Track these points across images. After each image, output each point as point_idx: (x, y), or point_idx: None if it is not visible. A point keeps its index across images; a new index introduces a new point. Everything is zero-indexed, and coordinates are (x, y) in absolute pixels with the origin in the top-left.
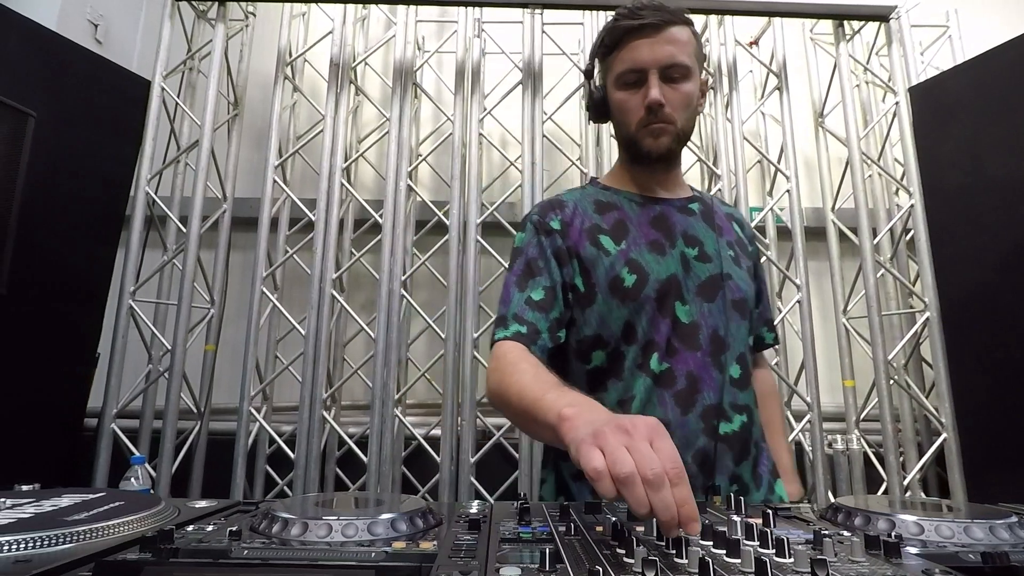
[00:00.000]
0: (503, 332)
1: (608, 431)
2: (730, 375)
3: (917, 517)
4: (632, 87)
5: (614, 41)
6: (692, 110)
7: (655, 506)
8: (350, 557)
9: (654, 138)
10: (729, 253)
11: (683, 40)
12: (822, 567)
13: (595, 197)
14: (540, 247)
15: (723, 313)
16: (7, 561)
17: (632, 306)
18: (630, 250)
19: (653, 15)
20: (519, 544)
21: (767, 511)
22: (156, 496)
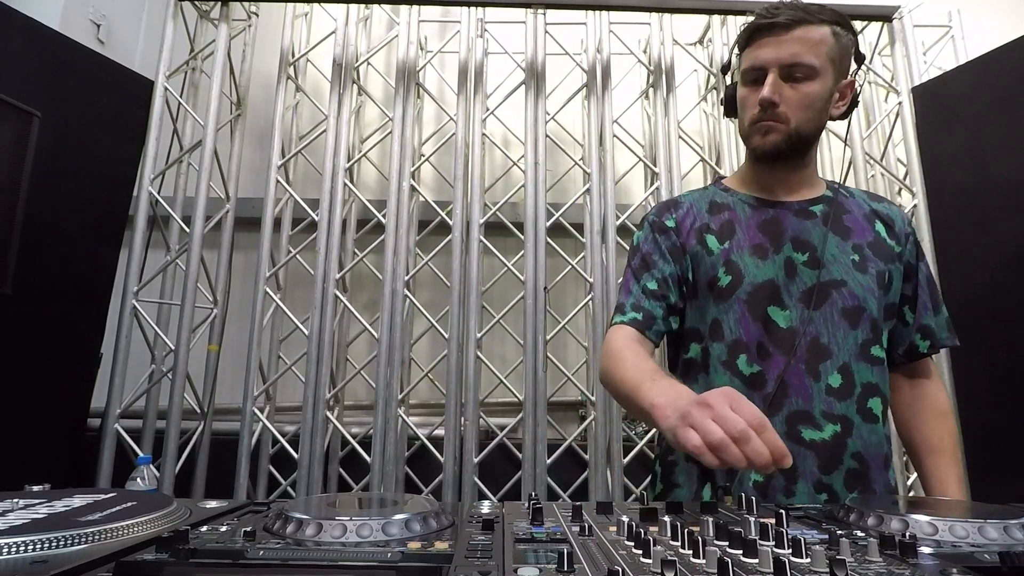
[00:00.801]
0: (620, 317)
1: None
2: (827, 383)
3: (931, 517)
4: (753, 84)
5: (746, 39)
6: (816, 112)
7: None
8: (366, 558)
9: (762, 136)
10: (853, 257)
11: (814, 39)
12: (841, 567)
13: (712, 198)
14: (655, 243)
15: (827, 321)
16: (24, 562)
17: (723, 305)
18: (732, 251)
19: (787, 13)
20: (534, 544)
21: (780, 511)
22: (167, 496)
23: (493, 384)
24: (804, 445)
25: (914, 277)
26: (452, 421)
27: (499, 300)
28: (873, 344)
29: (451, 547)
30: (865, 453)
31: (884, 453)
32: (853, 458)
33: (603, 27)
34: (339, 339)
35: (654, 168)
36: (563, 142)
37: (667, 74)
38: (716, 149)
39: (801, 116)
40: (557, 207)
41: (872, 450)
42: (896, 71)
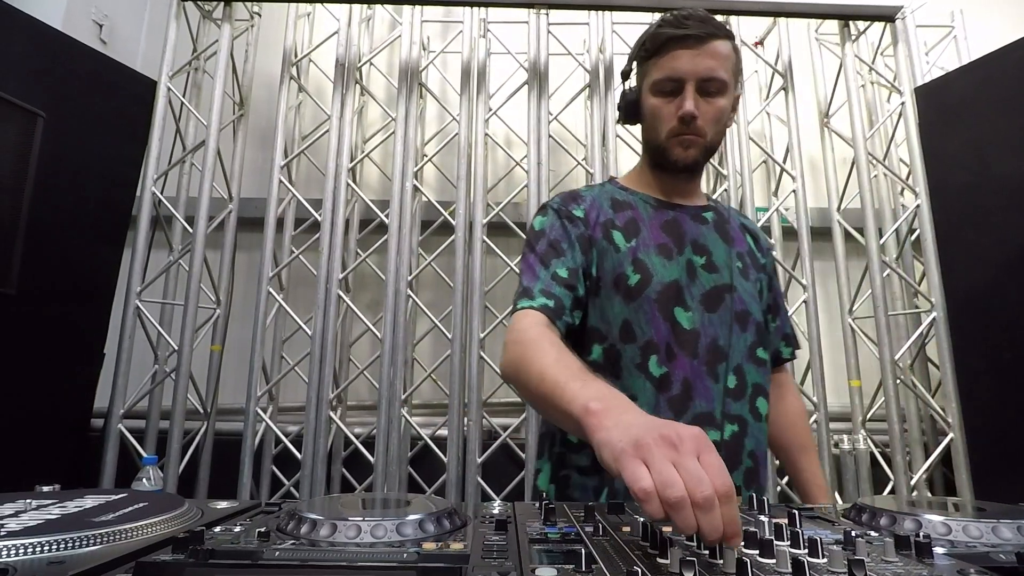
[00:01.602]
0: (529, 302)
1: (652, 444)
2: (726, 385)
3: (944, 517)
4: (667, 95)
5: (655, 47)
6: (723, 124)
7: (703, 527)
8: (383, 558)
9: (683, 149)
10: (738, 265)
11: (724, 54)
12: (859, 567)
13: (612, 195)
14: (564, 230)
15: (725, 324)
16: (41, 562)
17: (632, 305)
18: (639, 249)
19: (698, 27)
20: (549, 544)
21: (793, 511)
22: (179, 497)
23: (496, 384)
24: None
25: (774, 288)
26: (455, 421)
27: (502, 300)
28: (758, 346)
29: (466, 547)
30: (757, 451)
31: (767, 451)
32: (749, 457)
33: (606, 27)
34: (342, 339)
35: None
36: (566, 142)
37: None
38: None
39: (714, 130)
40: None
41: (761, 448)
42: (899, 71)
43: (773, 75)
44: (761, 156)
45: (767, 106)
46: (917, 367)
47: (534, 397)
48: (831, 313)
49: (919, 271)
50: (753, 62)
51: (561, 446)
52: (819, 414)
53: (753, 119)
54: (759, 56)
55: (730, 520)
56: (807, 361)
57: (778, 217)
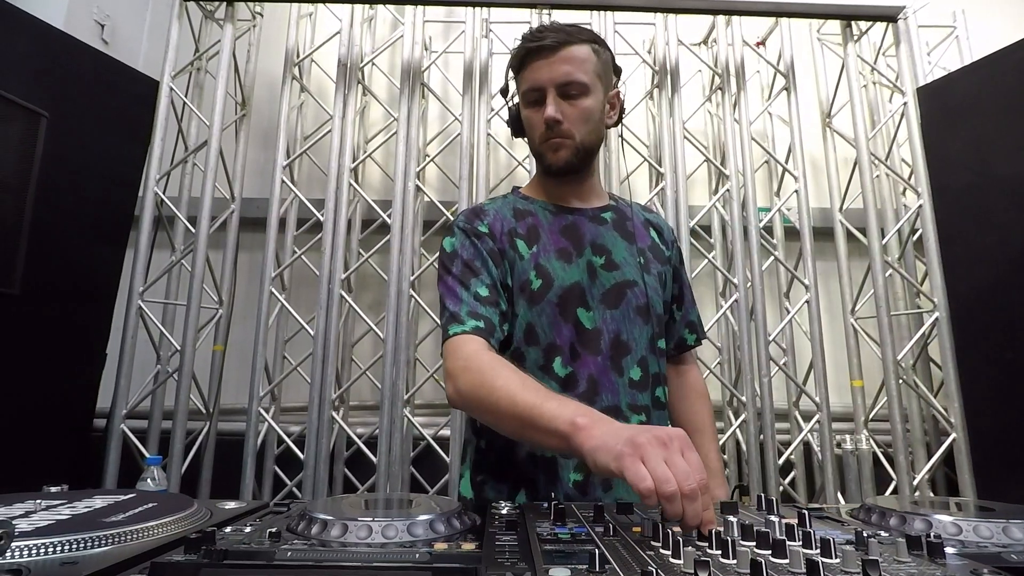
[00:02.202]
0: (459, 327)
1: (647, 443)
2: (629, 377)
3: (954, 517)
4: (535, 104)
5: (518, 62)
6: (594, 124)
7: (687, 514)
8: (396, 559)
9: (554, 152)
10: (638, 260)
11: (580, 58)
12: (874, 568)
13: (513, 205)
14: (475, 248)
15: (627, 319)
16: (54, 563)
17: (535, 309)
18: (540, 255)
19: (552, 36)
20: (560, 545)
21: (802, 512)
22: (187, 497)
23: None
24: None
25: (680, 279)
26: (458, 421)
27: None
28: (659, 338)
29: (478, 548)
30: None
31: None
32: None
33: (608, 27)
34: (344, 339)
35: (659, 168)
36: None
37: (672, 74)
38: (721, 149)
39: (583, 130)
40: None
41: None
42: (901, 71)
43: (775, 75)
44: (763, 156)
45: (769, 106)
46: (919, 367)
47: (503, 420)
48: (833, 313)
49: (921, 271)
50: (755, 62)
51: (477, 454)
52: (821, 414)
53: (755, 119)
54: (761, 56)
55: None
56: (809, 361)
57: (780, 217)
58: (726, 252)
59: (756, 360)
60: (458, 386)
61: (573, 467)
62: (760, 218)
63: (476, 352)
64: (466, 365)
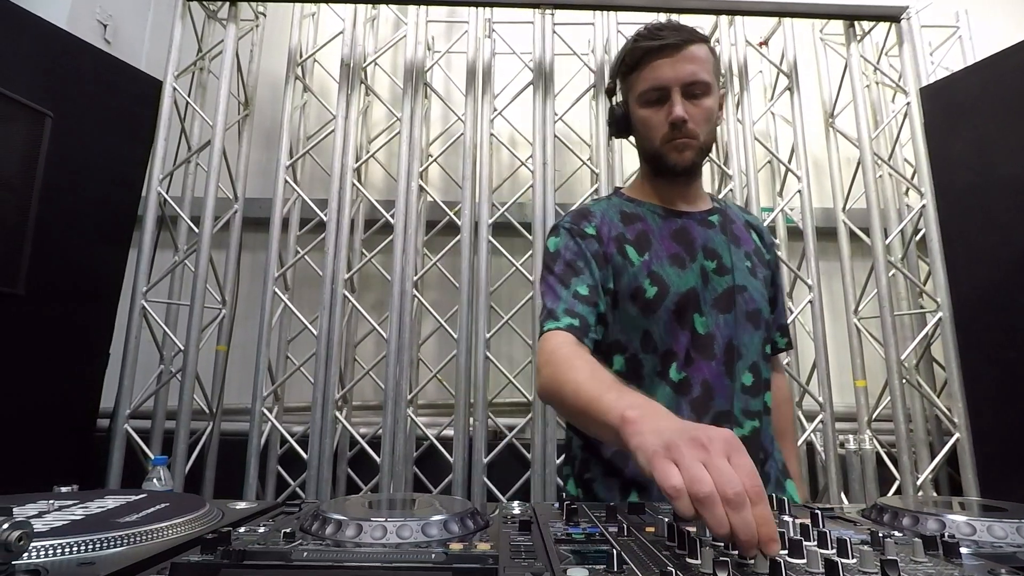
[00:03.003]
0: (555, 323)
1: (683, 444)
2: (742, 383)
3: (968, 517)
4: (655, 104)
5: (635, 61)
6: (712, 124)
7: (735, 526)
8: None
9: (679, 152)
10: (746, 264)
11: (702, 58)
12: (893, 568)
13: (620, 208)
14: (578, 249)
15: (739, 324)
16: (72, 563)
17: (652, 317)
18: (652, 262)
19: (673, 35)
20: (575, 545)
21: (815, 512)
22: (199, 497)
23: (501, 384)
24: None
25: (776, 282)
26: (461, 421)
27: (507, 300)
28: (767, 342)
29: (493, 548)
30: (770, 442)
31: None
32: (763, 449)
33: (611, 27)
34: (347, 339)
35: None
36: (571, 142)
37: None
38: (724, 149)
39: (705, 130)
40: (565, 207)
41: (771, 437)
42: (904, 71)
43: (778, 75)
44: (766, 156)
45: (772, 106)
46: (922, 367)
47: (572, 412)
48: (836, 313)
49: (923, 271)
50: (758, 62)
51: (585, 451)
52: (825, 414)
53: (758, 119)
54: (764, 56)
55: (764, 520)
56: (812, 361)
57: (783, 217)
58: None
59: None
60: (541, 380)
61: None
62: (763, 218)
63: (560, 346)
64: (549, 359)
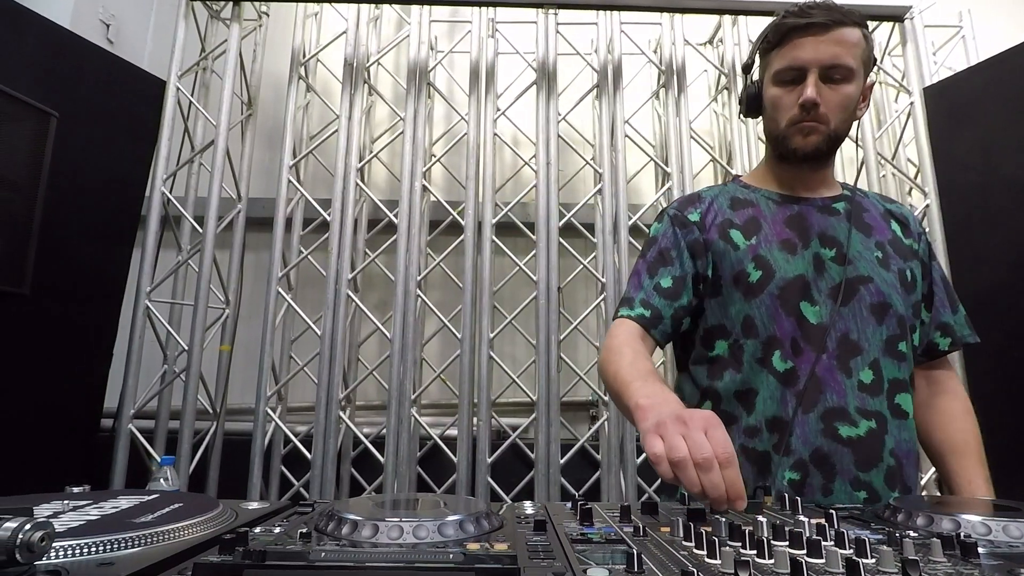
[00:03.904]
0: (627, 311)
1: (668, 422)
2: (859, 379)
3: (983, 517)
4: (789, 84)
5: (778, 38)
6: (850, 113)
7: (704, 485)
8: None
9: (803, 136)
10: (876, 255)
11: (851, 41)
12: (914, 568)
13: (733, 194)
14: (675, 238)
15: (859, 317)
16: (91, 563)
17: (754, 301)
18: (759, 246)
19: (822, 14)
20: (591, 545)
21: (830, 511)
22: (212, 497)
23: (505, 384)
24: (841, 442)
25: (929, 276)
26: (465, 421)
27: (510, 300)
28: (900, 340)
29: (510, 548)
30: (899, 450)
31: (916, 451)
32: (891, 455)
33: (614, 27)
34: (350, 339)
35: (666, 168)
36: (574, 142)
37: (678, 74)
38: (727, 149)
39: (840, 117)
40: (569, 207)
41: (905, 447)
42: (908, 71)
43: None
44: None
45: None
46: None
47: (613, 395)
48: None
49: None
50: None
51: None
52: None
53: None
54: None
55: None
56: None
57: None
58: None
59: None
60: (599, 363)
61: (789, 465)
62: None
63: (619, 334)
64: (608, 344)
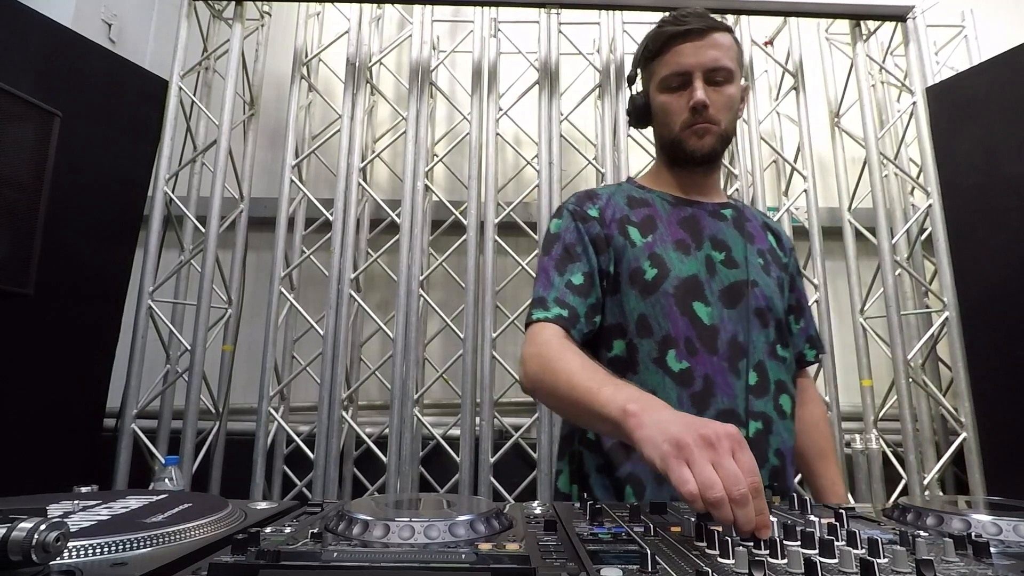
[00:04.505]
0: (543, 313)
1: (692, 444)
2: (747, 382)
3: (993, 517)
4: (676, 90)
5: (659, 46)
6: (734, 113)
7: (738, 520)
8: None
9: (699, 138)
10: (758, 261)
11: (726, 45)
12: (929, 568)
13: (629, 193)
14: (578, 233)
15: (744, 319)
16: (104, 563)
17: (649, 299)
18: (655, 244)
19: (698, 21)
20: (603, 545)
21: (840, 511)
22: (220, 497)
23: (507, 384)
24: None
25: (797, 289)
26: (467, 421)
27: (512, 300)
28: (779, 343)
29: (522, 548)
30: (783, 449)
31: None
32: (776, 455)
33: (616, 27)
34: (352, 339)
35: None
36: (576, 142)
37: None
38: (730, 148)
39: (727, 117)
40: None
41: (787, 446)
42: (910, 71)
43: (783, 75)
44: (772, 156)
45: (777, 106)
46: (927, 367)
47: (564, 404)
48: (842, 313)
49: (929, 271)
50: (763, 62)
51: (579, 445)
52: (831, 414)
53: (764, 119)
54: (769, 56)
55: (760, 511)
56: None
57: (789, 217)
58: None
59: None
60: (527, 371)
61: None
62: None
63: (548, 339)
64: (538, 351)
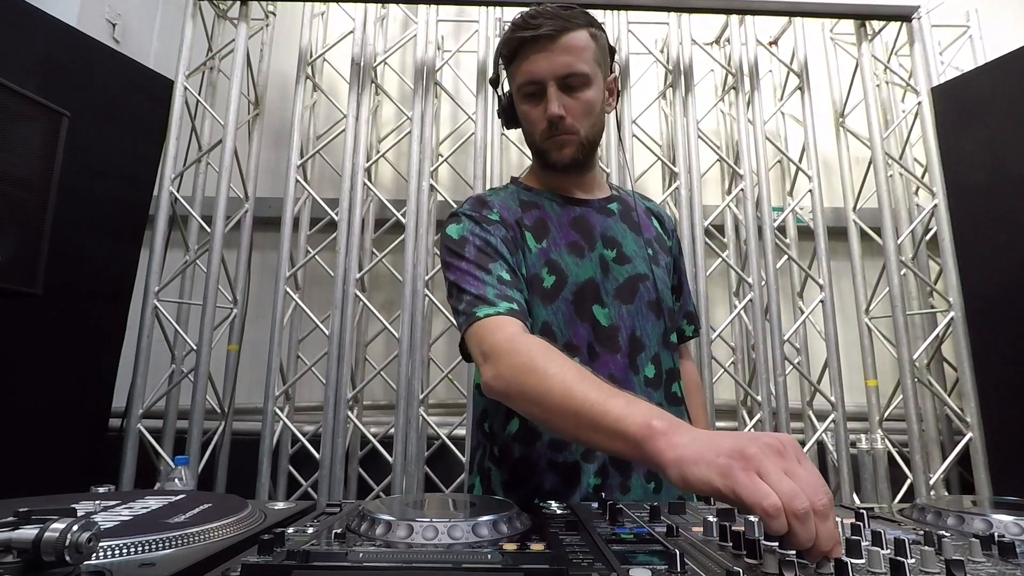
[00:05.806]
0: (492, 309)
1: (760, 454)
2: (644, 375)
3: (1015, 517)
4: (532, 98)
5: (511, 52)
6: (596, 116)
7: (821, 536)
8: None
9: (558, 149)
10: (647, 252)
11: (580, 46)
12: (959, 568)
13: (518, 195)
14: (486, 235)
15: (640, 314)
16: (133, 564)
17: (550, 307)
18: (550, 250)
19: (549, 24)
20: (627, 545)
21: (862, 512)
22: (239, 498)
23: None
24: None
25: (679, 270)
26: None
27: None
28: (670, 332)
29: (547, 548)
30: None
31: None
32: None
33: (621, 27)
34: (358, 339)
35: (673, 168)
36: None
37: (685, 74)
38: (734, 148)
39: (587, 124)
40: None
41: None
42: (915, 71)
43: (788, 75)
44: (776, 156)
45: (782, 106)
46: (933, 367)
47: (553, 414)
48: (847, 313)
49: (934, 271)
50: (768, 62)
51: (489, 461)
52: (836, 414)
53: (769, 119)
54: (774, 56)
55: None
56: (824, 360)
57: (794, 217)
58: (740, 252)
59: (771, 360)
60: (499, 369)
61: (593, 471)
62: (774, 217)
63: (518, 334)
64: (509, 347)
